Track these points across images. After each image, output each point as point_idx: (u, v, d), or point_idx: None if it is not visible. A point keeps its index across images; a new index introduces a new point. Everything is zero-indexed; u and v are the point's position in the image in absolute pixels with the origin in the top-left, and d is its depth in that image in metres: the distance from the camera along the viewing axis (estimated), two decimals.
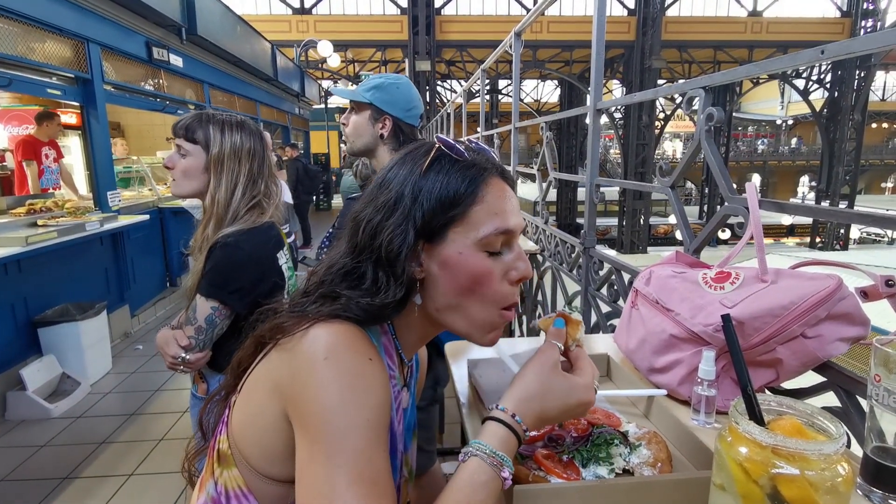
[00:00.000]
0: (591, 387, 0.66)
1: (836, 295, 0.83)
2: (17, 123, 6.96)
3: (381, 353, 0.66)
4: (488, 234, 0.64)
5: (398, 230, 0.64)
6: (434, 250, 0.65)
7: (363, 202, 0.70)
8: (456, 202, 0.64)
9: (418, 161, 0.67)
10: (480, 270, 0.65)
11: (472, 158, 0.68)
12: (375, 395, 0.58)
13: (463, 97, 5.74)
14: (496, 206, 0.66)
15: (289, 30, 16.70)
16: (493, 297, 0.66)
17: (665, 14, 17.44)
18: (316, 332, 0.60)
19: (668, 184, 1.42)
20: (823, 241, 20.38)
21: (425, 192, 0.64)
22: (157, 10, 4.80)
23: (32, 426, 3.10)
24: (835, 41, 0.88)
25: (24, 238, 3.12)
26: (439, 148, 0.68)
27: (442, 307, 0.67)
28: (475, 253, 0.64)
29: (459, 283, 0.65)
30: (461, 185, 0.65)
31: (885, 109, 30.12)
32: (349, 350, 0.59)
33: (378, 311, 0.64)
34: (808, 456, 0.48)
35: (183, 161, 1.40)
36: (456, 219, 0.64)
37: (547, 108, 27.65)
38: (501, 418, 0.61)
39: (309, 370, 0.57)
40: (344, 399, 0.56)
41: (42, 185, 5.04)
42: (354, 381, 0.57)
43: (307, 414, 0.57)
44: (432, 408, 1.74)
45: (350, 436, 0.55)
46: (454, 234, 0.64)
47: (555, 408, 0.63)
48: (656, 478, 0.70)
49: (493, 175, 0.68)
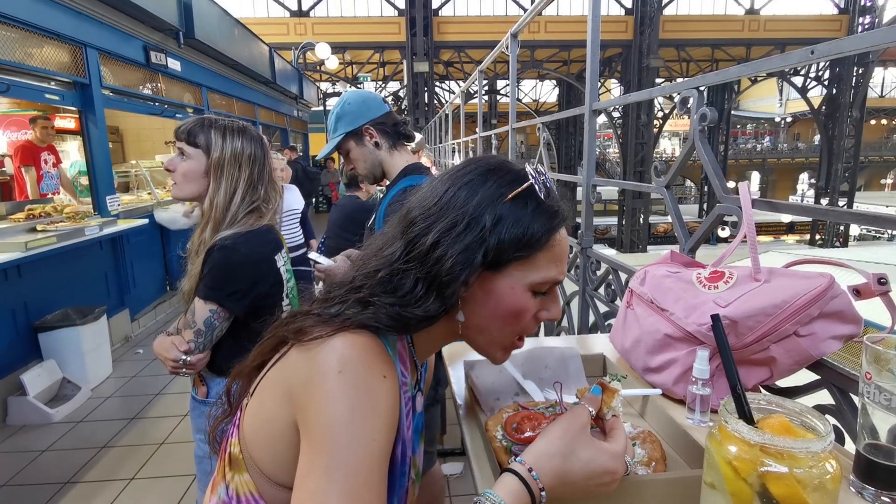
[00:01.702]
0: (620, 456, 0.62)
1: (828, 293, 0.83)
2: (15, 129, 6.98)
3: (395, 361, 0.66)
4: (543, 281, 0.66)
5: (465, 255, 0.63)
6: (488, 277, 0.65)
7: (421, 213, 0.67)
8: (530, 245, 0.64)
9: (503, 187, 0.66)
10: (522, 308, 0.66)
11: (554, 205, 0.68)
12: (384, 416, 0.58)
13: (461, 98, 5.75)
14: (557, 256, 0.67)
15: (286, 32, 16.72)
16: (519, 329, 0.69)
17: (662, 13, 17.47)
18: (336, 342, 0.59)
19: (663, 184, 1.43)
20: (823, 239, 20.40)
21: (506, 225, 0.64)
22: (154, 14, 4.81)
23: (33, 431, 3.11)
24: (832, 38, 0.88)
25: (23, 243, 3.12)
26: (530, 184, 0.66)
27: (472, 326, 0.69)
28: (524, 292, 0.66)
29: (499, 313, 0.66)
30: (541, 231, 0.65)
31: (883, 106, 30.12)
32: (365, 366, 0.58)
33: (408, 322, 0.64)
34: (795, 454, 0.49)
35: (183, 164, 1.41)
36: (521, 258, 0.65)
37: (545, 108, 27.67)
38: (518, 471, 0.59)
39: (322, 381, 0.57)
40: (352, 416, 0.56)
41: (41, 190, 5.05)
42: (365, 399, 0.57)
43: (314, 424, 0.57)
44: (433, 409, 1.75)
45: (352, 453, 0.54)
46: (514, 269, 0.65)
47: (578, 470, 0.60)
48: (650, 477, 0.71)
49: (562, 225, 0.68)
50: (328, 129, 1.74)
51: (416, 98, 16.72)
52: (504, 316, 0.66)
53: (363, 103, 1.67)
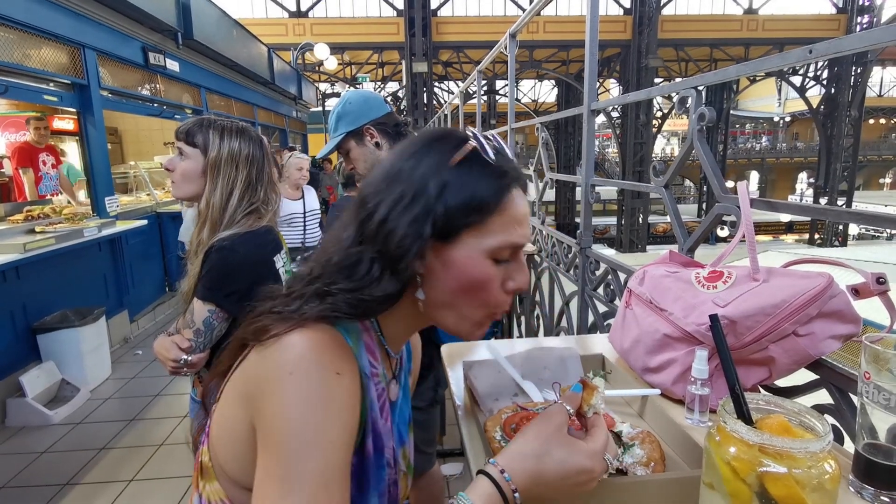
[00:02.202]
0: (598, 455, 0.60)
1: (827, 293, 0.83)
2: (14, 130, 6.98)
3: (360, 352, 0.64)
4: (500, 246, 0.63)
5: (414, 226, 0.61)
6: (442, 249, 0.63)
7: (371, 190, 0.66)
8: (480, 209, 0.62)
9: (446, 154, 0.63)
10: (484, 277, 0.63)
11: (503, 164, 0.65)
12: (340, 415, 0.56)
13: (460, 98, 5.75)
14: (514, 218, 0.64)
15: (285, 33, 16.73)
16: (487, 302, 0.65)
17: (661, 13, 17.49)
18: (288, 340, 0.57)
19: (661, 183, 1.43)
20: (822, 238, 20.42)
21: (452, 191, 0.61)
22: (152, 15, 4.81)
23: (32, 433, 3.10)
24: (830, 38, 0.88)
25: (21, 245, 3.12)
26: (474, 146, 0.64)
27: (436, 303, 0.65)
28: (483, 260, 0.63)
29: (461, 285, 0.63)
30: (488, 193, 0.62)
31: (882, 105, 30.16)
32: (317, 364, 0.56)
33: (367, 306, 0.62)
34: (794, 454, 0.48)
35: (182, 164, 1.42)
36: (474, 224, 0.62)
37: (544, 108, 27.67)
38: (490, 473, 0.58)
39: (274, 383, 0.55)
40: (305, 420, 0.54)
41: (40, 191, 5.05)
42: (318, 400, 0.55)
43: (268, 429, 0.55)
44: (433, 409, 1.74)
45: (308, 458, 0.53)
46: (468, 237, 0.62)
47: (552, 470, 0.58)
48: (649, 477, 0.71)
49: (516, 186, 0.66)
50: (328, 129, 1.74)
51: (415, 98, 16.72)
52: (466, 288, 0.63)
53: (364, 103, 1.66)
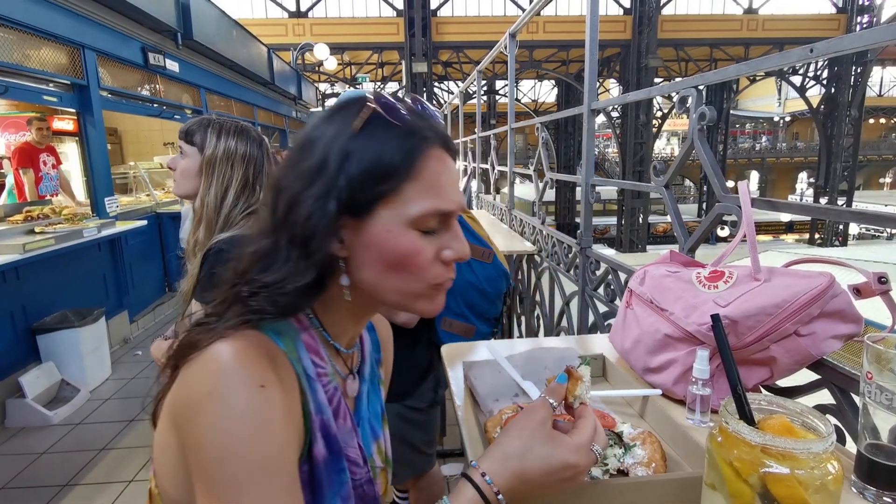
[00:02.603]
0: (584, 448, 0.58)
1: (828, 292, 0.83)
2: (13, 131, 6.98)
3: (300, 354, 0.60)
4: (422, 214, 0.57)
5: (318, 203, 0.56)
6: (359, 226, 0.57)
7: (281, 172, 0.61)
8: (388, 176, 0.56)
9: (348, 121, 0.58)
10: (410, 250, 0.57)
11: (412, 124, 0.58)
12: (270, 430, 0.51)
13: (460, 98, 5.76)
14: (434, 182, 0.58)
15: (285, 33, 16.72)
16: (422, 277, 0.59)
17: (661, 13, 17.49)
18: (206, 356, 0.53)
19: (662, 183, 1.42)
20: (823, 238, 20.43)
21: (353, 161, 0.56)
22: (152, 15, 4.81)
23: (32, 433, 3.10)
24: (829, 38, 0.88)
25: (21, 245, 3.12)
26: (373, 108, 0.58)
27: (370, 286, 0.60)
28: (406, 232, 0.57)
29: (385, 262, 0.58)
30: (396, 157, 0.56)
31: (882, 105, 30.16)
32: (237, 379, 0.51)
33: (291, 301, 0.57)
34: (797, 455, 0.48)
35: (182, 162, 1.45)
36: (386, 194, 0.56)
37: (544, 108, 27.67)
38: (472, 476, 0.57)
39: (195, 407, 0.51)
40: (232, 443, 0.49)
41: (41, 192, 5.04)
42: (243, 419, 0.50)
43: (197, 458, 0.51)
44: (433, 410, 1.74)
45: (243, 483, 0.49)
46: (383, 209, 0.57)
47: (536, 467, 0.57)
48: (650, 478, 0.70)
49: (433, 146, 0.59)
50: None
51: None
52: (393, 264, 0.58)
53: None
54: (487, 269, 1.65)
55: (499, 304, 1.73)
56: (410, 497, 1.92)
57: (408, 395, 1.64)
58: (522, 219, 3.15)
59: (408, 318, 1.49)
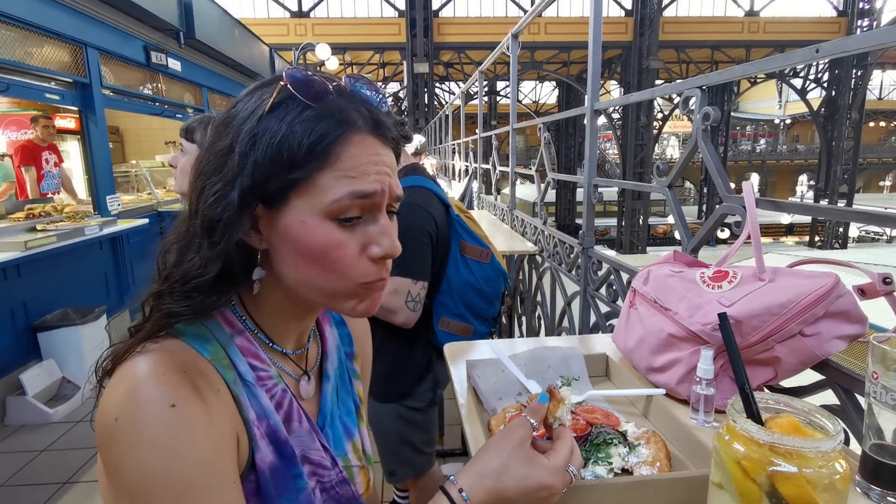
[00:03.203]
0: (559, 471, 0.58)
1: (833, 293, 0.83)
2: (15, 128, 6.98)
3: (234, 359, 0.57)
4: (336, 201, 0.52)
5: (223, 189, 0.52)
6: (274, 217, 0.54)
7: (205, 147, 0.57)
8: (298, 163, 0.51)
9: (264, 99, 0.53)
10: (327, 243, 0.53)
11: (331, 105, 0.53)
12: (187, 449, 0.48)
13: (461, 99, 5.76)
14: (352, 168, 0.53)
15: (287, 33, 16.73)
16: (346, 273, 0.55)
17: (662, 15, 17.50)
18: (116, 377, 0.50)
19: (665, 183, 1.42)
20: (822, 240, 20.45)
21: (261, 145, 0.51)
22: (154, 14, 4.81)
23: (32, 431, 3.10)
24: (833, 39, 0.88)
25: (23, 243, 3.12)
26: (283, 86, 0.53)
27: (291, 283, 0.57)
28: (321, 223, 0.53)
29: (302, 256, 0.54)
30: (304, 142, 0.51)
31: (882, 108, 30.17)
32: (143, 403, 0.47)
33: (201, 300, 0.54)
34: (805, 453, 0.48)
35: (182, 159, 1.48)
36: (298, 183, 0.52)
37: (545, 109, 27.69)
38: (449, 491, 0.56)
39: (105, 434, 0.47)
40: (147, 469, 0.46)
41: (42, 189, 5.05)
42: (152, 444, 0.46)
43: (116, 488, 0.48)
44: (431, 410, 1.74)
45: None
46: (296, 199, 0.52)
47: (513, 487, 0.56)
48: (655, 477, 0.70)
49: (357, 131, 0.54)
50: None
51: (417, 99, 16.73)
52: (311, 259, 0.54)
53: None
54: (485, 269, 1.66)
55: (497, 303, 1.73)
56: (410, 496, 1.92)
57: (407, 395, 1.64)
58: (524, 219, 3.15)
59: (405, 319, 1.50)
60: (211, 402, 0.51)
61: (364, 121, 0.55)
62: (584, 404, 0.91)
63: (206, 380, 0.52)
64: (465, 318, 1.64)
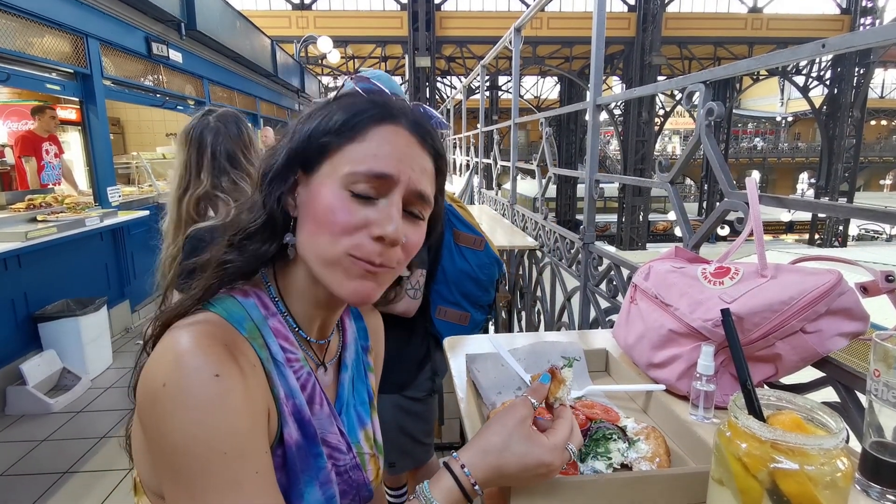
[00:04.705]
0: (559, 448, 0.60)
1: (835, 290, 0.82)
2: (16, 119, 6.96)
3: (267, 339, 0.61)
4: (354, 173, 0.58)
5: (277, 151, 0.63)
6: (308, 183, 0.61)
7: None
8: (330, 131, 0.60)
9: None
10: (331, 205, 0.58)
11: (380, 98, 0.62)
12: (227, 417, 0.51)
13: (463, 93, 5.74)
14: (378, 149, 0.59)
15: (288, 25, 16.66)
16: (338, 239, 0.58)
17: (665, 10, 17.43)
18: (162, 346, 0.54)
19: (667, 179, 1.42)
20: (822, 238, 20.42)
21: (315, 120, 0.62)
22: (156, 5, 4.79)
23: (32, 421, 3.11)
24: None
25: (23, 233, 3.12)
26: (352, 83, 0.65)
27: (302, 251, 0.61)
28: (336, 189, 0.58)
29: (313, 218, 0.59)
30: (348, 117, 0.60)
31: (883, 107, 30.13)
32: (190, 370, 0.51)
33: (253, 250, 0.61)
34: (807, 450, 0.48)
35: None
36: (329, 148, 0.59)
37: (547, 104, 27.61)
38: (451, 467, 0.59)
39: (151, 398, 0.51)
40: (189, 432, 0.49)
41: (42, 180, 5.04)
42: (197, 408, 0.50)
43: (158, 449, 0.51)
44: (430, 399, 1.75)
45: (208, 473, 0.49)
46: (326, 165, 0.60)
47: (513, 464, 0.59)
48: (654, 472, 0.70)
49: (395, 121, 0.61)
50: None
51: (418, 93, 16.67)
52: (314, 219, 0.59)
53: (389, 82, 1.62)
54: (480, 257, 1.67)
55: (492, 291, 1.74)
56: (408, 488, 1.92)
57: (406, 385, 1.65)
58: (524, 214, 3.15)
59: (406, 307, 1.49)
60: (248, 376, 0.55)
61: (406, 119, 0.62)
62: (583, 399, 0.91)
63: (244, 355, 0.56)
64: (462, 306, 1.66)
